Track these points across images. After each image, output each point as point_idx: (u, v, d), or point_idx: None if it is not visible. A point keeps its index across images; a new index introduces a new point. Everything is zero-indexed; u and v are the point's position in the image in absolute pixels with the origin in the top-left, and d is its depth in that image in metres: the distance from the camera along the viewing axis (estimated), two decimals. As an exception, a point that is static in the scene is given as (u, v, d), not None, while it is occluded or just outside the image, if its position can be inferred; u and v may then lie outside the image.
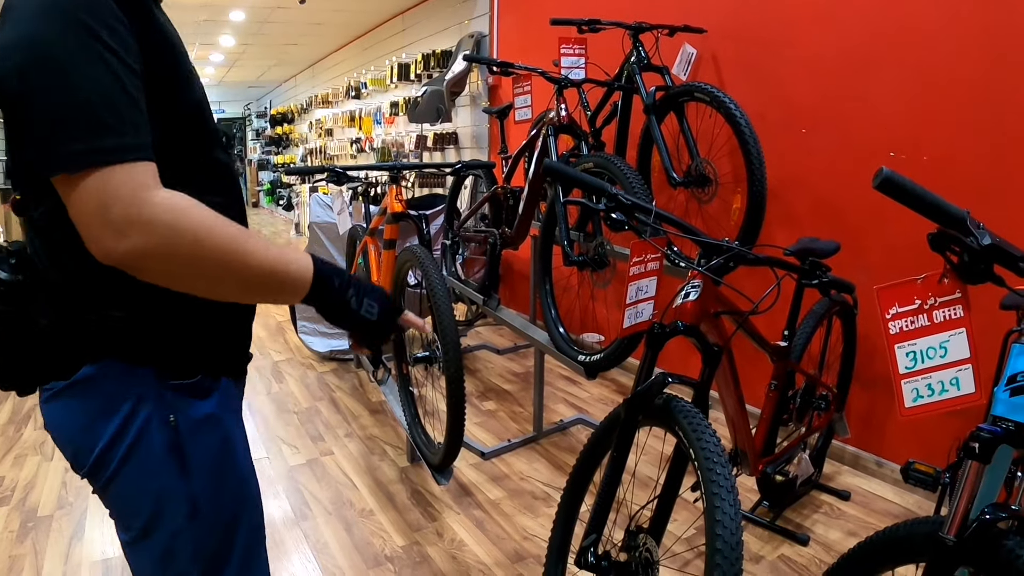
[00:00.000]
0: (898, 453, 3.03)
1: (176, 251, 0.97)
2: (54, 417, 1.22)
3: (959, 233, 1.21)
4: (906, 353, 1.35)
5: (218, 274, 1.02)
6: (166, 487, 1.19)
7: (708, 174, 3.08)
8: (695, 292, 1.90)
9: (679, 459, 1.80)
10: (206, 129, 1.18)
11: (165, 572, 1.24)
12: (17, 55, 0.93)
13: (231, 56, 12.49)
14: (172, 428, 1.17)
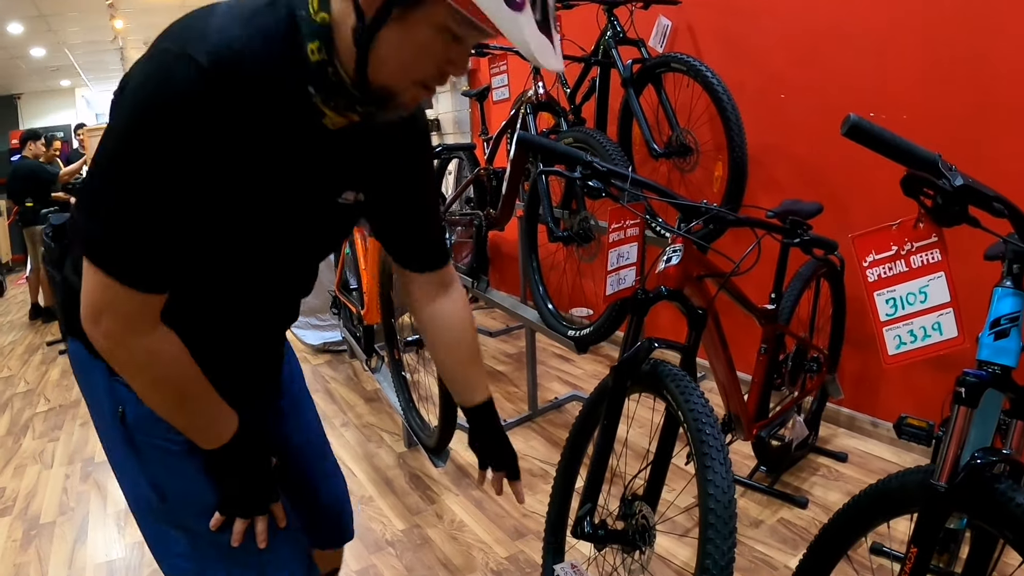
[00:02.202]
0: (893, 413, 3.03)
1: (127, 374, 1.13)
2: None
3: (931, 175, 1.21)
4: (886, 300, 1.36)
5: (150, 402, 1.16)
6: (130, 470, 1.28)
7: (689, 144, 3.08)
8: (677, 256, 1.90)
9: (670, 424, 1.81)
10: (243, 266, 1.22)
11: (164, 554, 1.30)
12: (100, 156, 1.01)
13: (210, 57, 12.42)
14: (121, 418, 1.24)
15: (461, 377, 1.52)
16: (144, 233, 1.01)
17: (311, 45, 1.02)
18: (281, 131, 1.07)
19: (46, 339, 6.43)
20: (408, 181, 1.36)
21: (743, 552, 2.44)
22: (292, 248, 1.28)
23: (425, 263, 1.45)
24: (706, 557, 1.50)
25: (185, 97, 0.95)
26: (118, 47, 10.18)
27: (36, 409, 4.67)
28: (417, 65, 1.02)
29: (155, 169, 0.98)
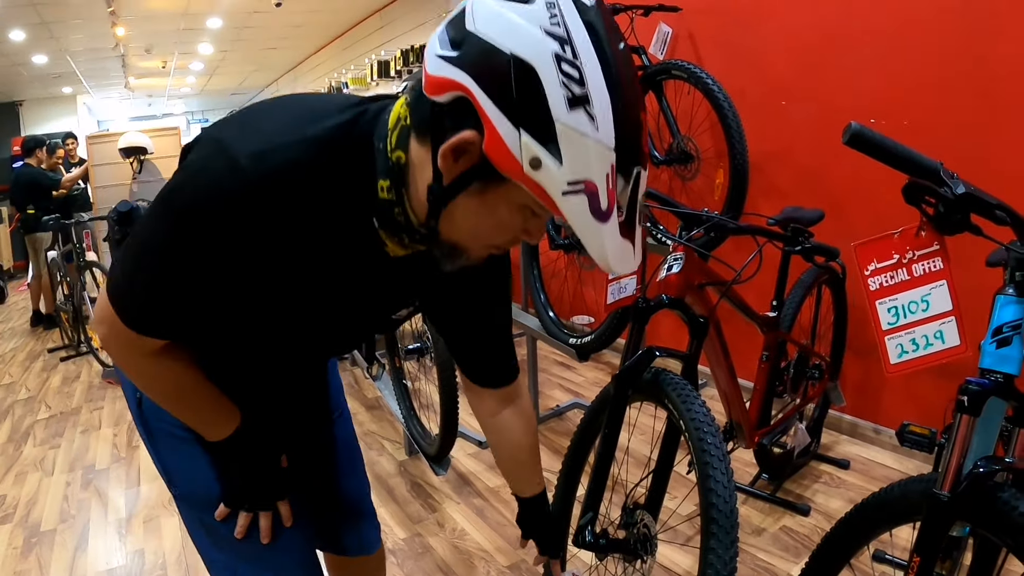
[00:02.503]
0: (895, 420, 3.02)
1: (121, 369, 1.20)
2: None
3: (932, 184, 1.20)
4: (888, 309, 1.35)
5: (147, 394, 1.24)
6: (150, 451, 1.36)
7: (690, 151, 3.08)
8: (678, 265, 1.90)
9: (671, 432, 1.80)
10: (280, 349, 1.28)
11: (187, 521, 1.38)
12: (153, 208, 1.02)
13: (211, 64, 12.46)
14: (139, 403, 1.32)
15: (517, 475, 1.54)
16: (164, 302, 1.03)
17: (382, 182, 0.98)
18: (336, 248, 1.05)
19: (47, 346, 6.43)
20: (475, 298, 1.33)
21: (745, 560, 2.43)
22: (329, 342, 1.33)
23: (492, 380, 1.43)
24: (708, 566, 1.50)
25: (228, 209, 0.94)
26: (120, 54, 10.20)
27: (37, 416, 4.67)
28: (492, 235, 0.99)
29: (192, 262, 0.98)
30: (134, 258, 1.04)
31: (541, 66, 0.81)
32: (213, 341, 1.19)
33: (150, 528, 3.03)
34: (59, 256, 6.10)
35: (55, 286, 6.44)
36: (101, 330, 1.10)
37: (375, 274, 1.13)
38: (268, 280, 1.04)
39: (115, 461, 3.80)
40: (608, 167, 0.85)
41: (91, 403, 4.84)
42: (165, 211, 0.99)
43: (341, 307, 1.17)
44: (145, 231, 1.03)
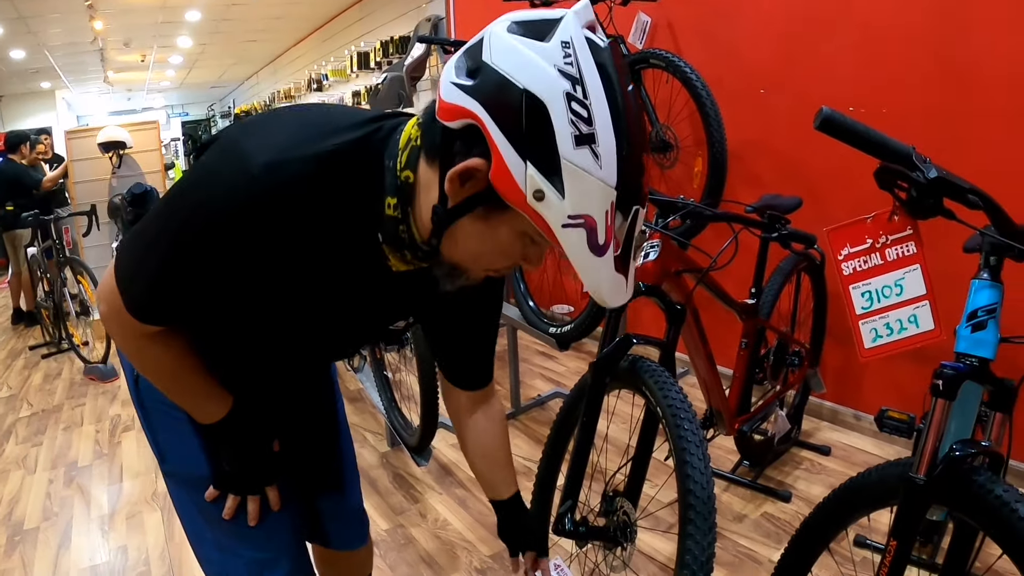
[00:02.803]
0: (875, 406, 3.00)
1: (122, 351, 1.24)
2: None
3: (905, 168, 1.20)
4: (862, 293, 1.36)
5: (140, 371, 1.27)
6: (145, 426, 1.39)
7: (669, 140, 3.08)
8: (654, 252, 1.90)
9: (649, 419, 1.81)
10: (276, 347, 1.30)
11: (175, 499, 1.42)
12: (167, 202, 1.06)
13: (190, 57, 12.39)
14: (135, 380, 1.35)
15: (490, 478, 1.55)
16: (168, 293, 1.06)
17: (389, 199, 1.01)
18: (339, 259, 1.08)
19: (28, 343, 6.38)
20: (469, 313, 1.37)
21: (727, 546, 2.45)
22: (325, 347, 1.36)
23: (472, 383, 1.47)
24: (686, 552, 1.50)
25: (238, 216, 0.96)
26: (98, 48, 10.12)
27: (19, 414, 4.64)
28: (492, 258, 1.02)
29: (198, 260, 1.01)
30: (142, 248, 1.07)
31: (552, 103, 0.85)
32: (212, 334, 1.21)
33: (133, 524, 3.02)
34: (39, 252, 6.04)
35: (35, 283, 6.38)
36: (102, 307, 1.12)
37: (375, 287, 1.15)
38: (271, 284, 1.07)
39: (98, 458, 3.78)
40: (608, 204, 0.89)
41: (73, 400, 4.81)
42: (177, 207, 1.03)
43: (340, 316, 1.20)
44: (155, 223, 1.06)
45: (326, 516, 1.70)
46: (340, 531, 1.73)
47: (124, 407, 4.51)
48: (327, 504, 1.69)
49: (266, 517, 1.36)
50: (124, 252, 1.10)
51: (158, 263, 1.04)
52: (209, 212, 0.97)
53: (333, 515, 1.71)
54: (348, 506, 1.74)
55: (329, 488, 1.68)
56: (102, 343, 5.28)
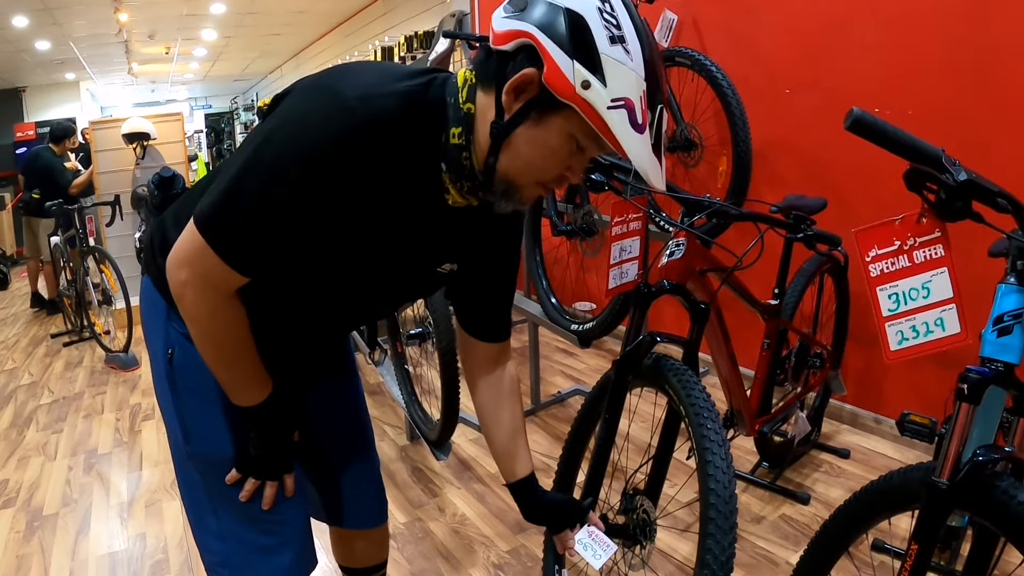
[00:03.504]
0: (896, 410, 3.00)
1: (187, 320, 1.24)
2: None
3: (934, 170, 1.20)
4: (888, 295, 1.34)
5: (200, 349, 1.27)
6: (168, 405, 1.42)
7: (693, 139, 3.07)
8: (680, 250, 1.89)
9: (671, 418, 1.81)
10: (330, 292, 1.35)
11: (183, 483, 1.46)
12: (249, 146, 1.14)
13: (214, 50, 12.44)
14: (169, 358, 1.38)
15: (506, 449, 1.61)
16: (260, 234, 1.13)
17: (454, 130, 1.13)
18: (406, 194, 1.18)
19: (50, 331, 6.44)
20: (499, 260, 1.48)
21: (744, 548, 2.44)
22: (376, 292, 1.40)
23: (493, 335, 1.57)
24: (707, 552, 1.50)
25: (336, 144, 1.06)
26: (123, 40, 10.19)
27: (40, 401, 4.69)
28: (543, 165, 1.13)
29: (293, 194, 1.09)
30: (229, 195, 1.12)
31: (588, 14, 1.03)
32: (280, 286, 1.27)
33: (152, 512, 3.04)
34: (62, 241, 6.09)
35: (58, 272, 6.43)
36: (182, 274, 1.17)
37: (432, 223, 1.26)
38: (349, 216, 1.15)
39: (117, 445, 3.82)
40: (641, 91, 1.06)
41: (94, 388, 4.85)
42: (265, 150, 1.11)
43: (399, 253, 1.28)
44: (239, 171, 1.12)
45: (344, 496, 1.73)
46: (359, 511, 1.76)
47: (145, 396, 4.54)
48: (346, 484, 1.72)
49: (279, 504, 1.41)
50: (207, 203, 1.14)
51: (253, 200, 1.10)
52: (306, 145, 1.06)
53: (352, 495, 1.74)
54: (367, 486, 1.77)
55: (349, 468, 1.72)
56: (123, 332, 5.31)
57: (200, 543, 1.47)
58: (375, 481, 1.80)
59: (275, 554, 1.45)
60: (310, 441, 1.56)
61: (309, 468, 1.58)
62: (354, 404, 1.77)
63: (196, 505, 1.45)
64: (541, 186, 1.16)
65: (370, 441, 1.80)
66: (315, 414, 1.62)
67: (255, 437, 1.36)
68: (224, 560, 1.44)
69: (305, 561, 1.51)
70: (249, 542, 1.42)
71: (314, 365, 1.62)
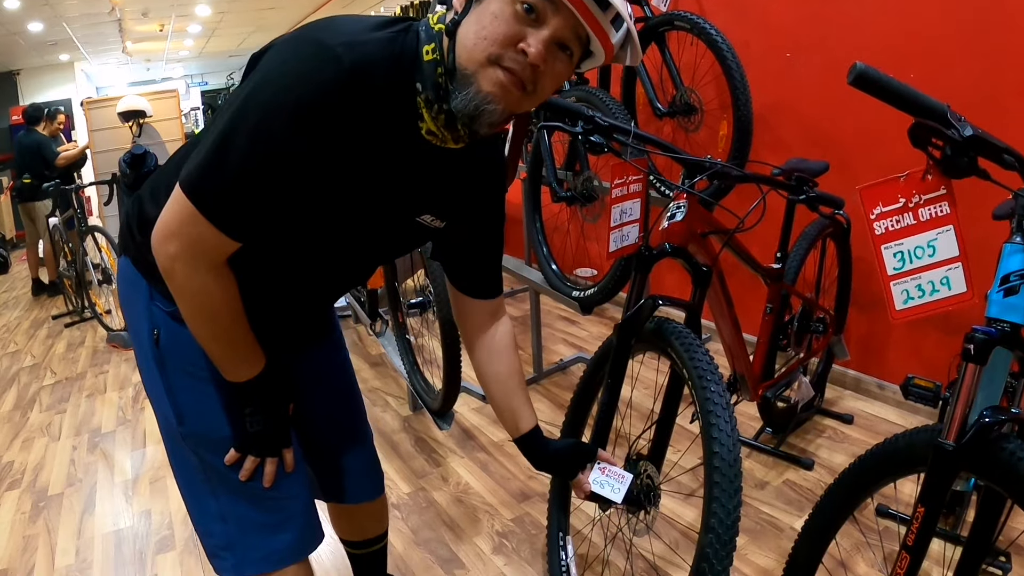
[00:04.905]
0: (899, 375, 2.99)
1: (177, 296, 1.21)
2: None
3: (940, 125, 1.17)
4: (893, 254, 1.33)
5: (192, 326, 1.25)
6: (157, 389, 1.39)
7: (693, 103, 3.04)
8: (681, 213, 1.87)
9: (674, 382, 1.79)
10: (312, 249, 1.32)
11: (178, 467, 1.45)
12: (231, 106, 1.10)
13: (208, 26, 12.34)
14: (155, 340, 1.35)
15: (509, 405, 1.61)
16: (251, 193, 1.10)
17: (427, 47, 1.13)
18: (388, 138, 1.17)
19: (52, 313, 6.44)
20: (484, 215, 1.47)
21: (748, 513, 2.44)
22: (361, 246, 1.39)
23: (484, 291, 1.56)
24: (711, 516, 1.48)
25: (325, 92, 1.05)
26: (116, 19, 10.10)
27: (43, 382, 4.69)
28: (489, 34, 1.08)
29: (283, 148, 1.07)
30: (221, 152, 1.09)
31: None
32: (274, 240, 1.23)
33: (156, 488, 3.05)
34: (60, 222, 6.07)
35: (57, 253, 6.42)
36: (170, 246, 1.14)
37: (413, 167, 1.24)
38: (336, 161, 1.13)
39: (121, 424, 3.82)
40: None
41: (96, 367, 4.86)
42: (250, 106, 1.08)
43: (382, 193, 1.25)
44: (224, 131, 1.09)
45: (340, 472, 1.73)
46: (354, 486, 1.76)
47: (147, 374, 4.54)
48: (341, 459, 1.72)
49: (280, 480, 1.40)
50: (193, 167, 1.11)
51: (239, 161, 1.08)
52: (295, 96, 1.05)
53: (347, 470, 1.74)
54: (361, 460, 1.78)
55: (342, 441, 1.72)
56: (124, 311, 5.30)
57: (200, 528, 1.46)
58: (369, 453, 1.80)
59: (279, 531, 1.43)
60: (301, 414, 1.54)
61: (302, 445, 1.55)
62: (343, 375, 1.75)
63: (193, 489, 1.43)
64: (497, 67, 1.09)
65: (361, 413, 1.80)
66: (305, 386, 1.60)
67: (252, 413, 1.33)
68: (226, 543, 1.43)
69: (310, 536, 1.50)
70: (251, 521, 1.41)
71: (302, 335, 1.60)
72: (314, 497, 1.62)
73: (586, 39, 1.13)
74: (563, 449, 1.67)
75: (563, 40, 1.11)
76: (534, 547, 2.41)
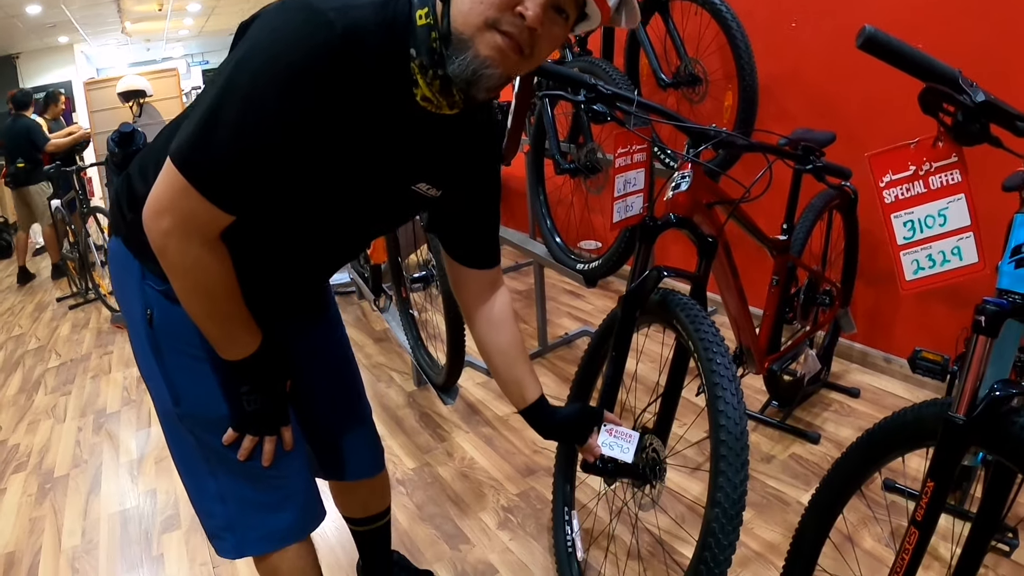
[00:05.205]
0: (906, 349, 2.99)
1: (170, 273, 1.18)
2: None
3: (951, 91, 1.14)
4: (903, 223, 1.30)
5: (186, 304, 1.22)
6: (153, 370, 1.37)
7: (698, 73, 3.00)
8: (686, 182, 1.84)
9: (680, 354, 1.77)
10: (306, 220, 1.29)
11: (176, 449, 1.44)
12: (220, 76, 1.08)
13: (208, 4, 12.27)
14: (149, 320, 1.33)
15: (513, 376, 1.60)
16: (243, 164, 1.08)
17: (420, 11, 1.10)
18: (381, 104, 1.14)
19: (55, 296, 6.43)
20: (480, 183, 1.45)
21: (754, 487, 2.43)
22: (356, 216, 1.35)
23: (481, 261, 1.54)
24: (718, 490, 1.46)
25: (317, 58, 1.03)
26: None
27: (48, 365, 4.70)
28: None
29: (275, 116, 1.05)
30: (211, 123, 1.06)
31: None
32: (267, 211, 1.21)
33: (162, 468, 3.05)
34: (62, 204, 6.04)
35: (60, 235, 6.40)
36: (163, 222, 1.12)
37: (407, 136, 1.22)
38: (329, 128, 1.11)
39: (126, 404, 3.82)
40: None
41: (100, 348, 4.86)
42: (240, 75, 1.05)
43: (377, 161, 1.23)
44: (215, 101, 1.06)
45: (339, 449, 1.72)
46: (354, 462, 1.76)
47: (151, 354, 4.54)
48: (340, 436, 1.71)
49: (279, 459, 1.39)
50: (183, 138, 1.09)
51: (230, 131, 1.05)
52: (286, 62, 1.02)
53: (346, 447, 1.73)
54: (360, 436, 1.76)
55: (341, 418, 1.71)
56: (128, 291, 5.30)
57: (200, 509, 1.46)
58: (368, 429, 1.79)
59: (279, 511, 1.43)
60: (299, 392, 1.52)
61: (300, 423, 1.54)
62: (340, 352, 1.73)
63: (192, 470, 1.42)
64: (494, 31, 1.07)
65: (360, 389, 1.78)
66: (302, 363, 1.58)
67: (249, 391, 1.32)
68: (227, 523, 1.43)
69: (311, 514, 1.50)
70: (251, 501, 1.40)
71: (297, 310, 1.58)
72: (314, 475, 1.62)
73: (582, 1, 1.11)
74: (570, 415, 1.67)
75: (559, 3, 1.09)
76: (539, 522, 2.41)
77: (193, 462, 1.41)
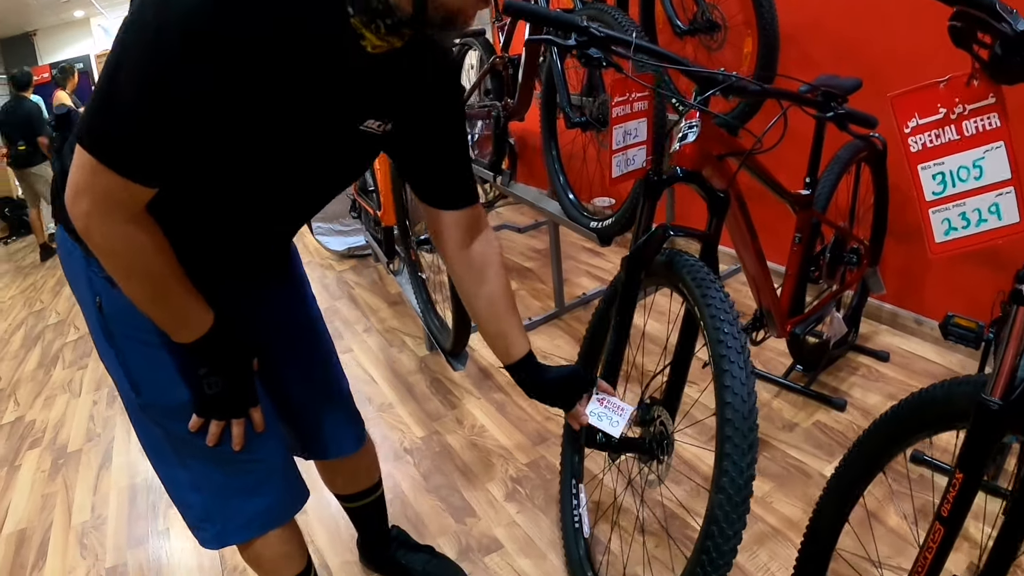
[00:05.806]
0: (939, 310, 2.81)
1: (101, 257, 1.11)
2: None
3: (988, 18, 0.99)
4: (932, 175, 1.14)
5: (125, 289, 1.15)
6: (110, 360, 1.31)
7: (716, 19, 2.83)
8: (693, 133, 1.68)
9: (689, 321, 1.64)
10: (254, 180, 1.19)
11: (145, 440, 1.37)
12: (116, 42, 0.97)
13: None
14: (98, 307, 1.26)
15: (498, 329, 1.50)
16: (150, 130, 0.98)
17: None
18: (307, 52, 1.03)
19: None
20: (436, 116, 1.33)
21: (775, 457, 2.31)
22: (303, 169, 1.24)
23: (450, 200, 1.42)
24: (723, 474, 1.34)
25: (198, 15, 0.91)
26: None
27: (67, 339, 4.75)
28: None
29: (179, 72, 0.94)
30: (109, 92, 0.97)
31: None
32: (195, 177, 1.11)
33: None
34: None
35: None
36: (82, 204, 1.04)
37: (344, 77, 1.11)
38: (246, 79, 0.99)
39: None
40: None
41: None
42: (135, 29, 0.95)
43: (313, 115, 1.12)
44: (114, 60, 0.96)
45: (317, 427, 1.65)
46: (333, 439, 1.68)
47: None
48: (316, 413, 1.64)
49: (251, 441, 1.32)
50: (88, 116, 1.00)
51: (130, 97, 0.96)
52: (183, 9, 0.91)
53: (324, 424, 1.65)
54: (337, 412, 1.68)
55: (315, 396, 1.63)
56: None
57: (177, 501, 1.40)
58: (346, 402, 1.71)
59: (256, 495, 1.37)
60: (267, 367, 1.43)
61: (273, 402, 1.46)
62: (307, 318, 1.62)
63: (163, 460, 1.36)
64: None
65: (332, 361, 1.68)
66: (267, 336, 1.48)
67: (207, 374, 1.24)
68: (205, 513, 1.37)
69: (291, 497, 1.44)
70: (226, 487, 1.35)
71: (259, 270, 1.48)
72: (296, 456, 1.56)
73: None
74: (558, 377, 1.56)
75: None
76: (548, 493, 2.32)
77: (163, 453, 1.35)
